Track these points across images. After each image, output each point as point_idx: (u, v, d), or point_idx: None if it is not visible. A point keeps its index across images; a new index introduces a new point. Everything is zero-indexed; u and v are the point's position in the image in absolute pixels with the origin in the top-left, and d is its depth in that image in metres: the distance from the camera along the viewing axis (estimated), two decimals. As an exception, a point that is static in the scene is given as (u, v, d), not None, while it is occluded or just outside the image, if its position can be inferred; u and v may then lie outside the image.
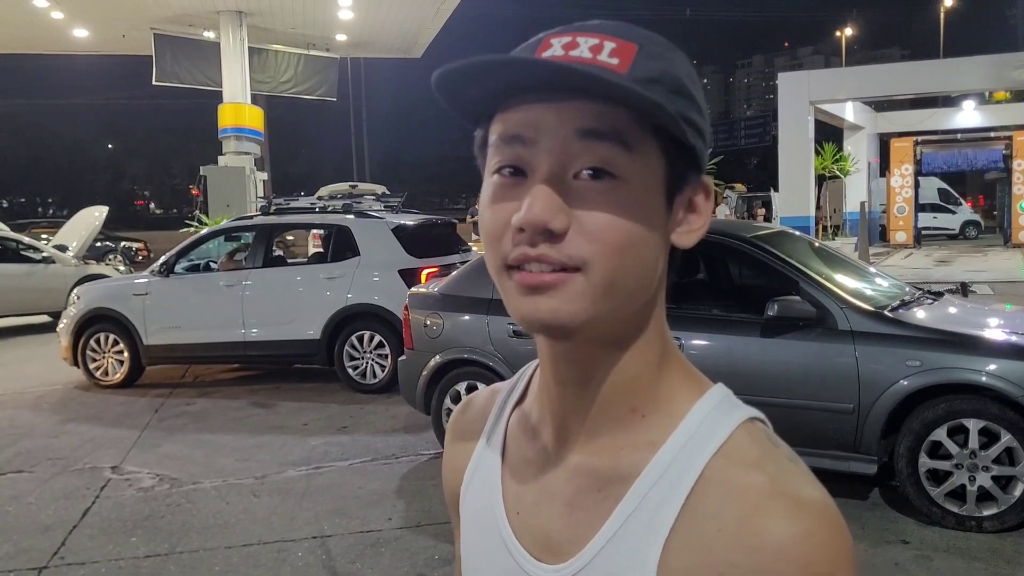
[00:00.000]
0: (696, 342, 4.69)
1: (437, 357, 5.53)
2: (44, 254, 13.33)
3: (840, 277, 4.98)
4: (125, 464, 5.79)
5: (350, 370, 7.83)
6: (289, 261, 9.87)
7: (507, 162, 0.63)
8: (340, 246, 8.19)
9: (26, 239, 13.74)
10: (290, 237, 17.19)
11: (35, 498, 5.14)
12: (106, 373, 8.43)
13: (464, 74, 0.61)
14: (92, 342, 8.43)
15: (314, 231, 12.19)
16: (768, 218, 23.79)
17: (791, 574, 0.58)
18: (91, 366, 8.45)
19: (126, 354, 8.36)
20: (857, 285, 5.04)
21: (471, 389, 5.43)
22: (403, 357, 5.87)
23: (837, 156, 27.41)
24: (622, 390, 0.68)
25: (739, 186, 28.07)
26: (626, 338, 0.67)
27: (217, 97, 18.99)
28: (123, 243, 24.03)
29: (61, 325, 8.68)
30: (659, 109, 0.60)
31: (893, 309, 4.68)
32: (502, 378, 5.72)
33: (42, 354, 10.28)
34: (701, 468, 0.63)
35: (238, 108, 18.64)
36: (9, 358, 10.56)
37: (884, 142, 28.38)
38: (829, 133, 28.80)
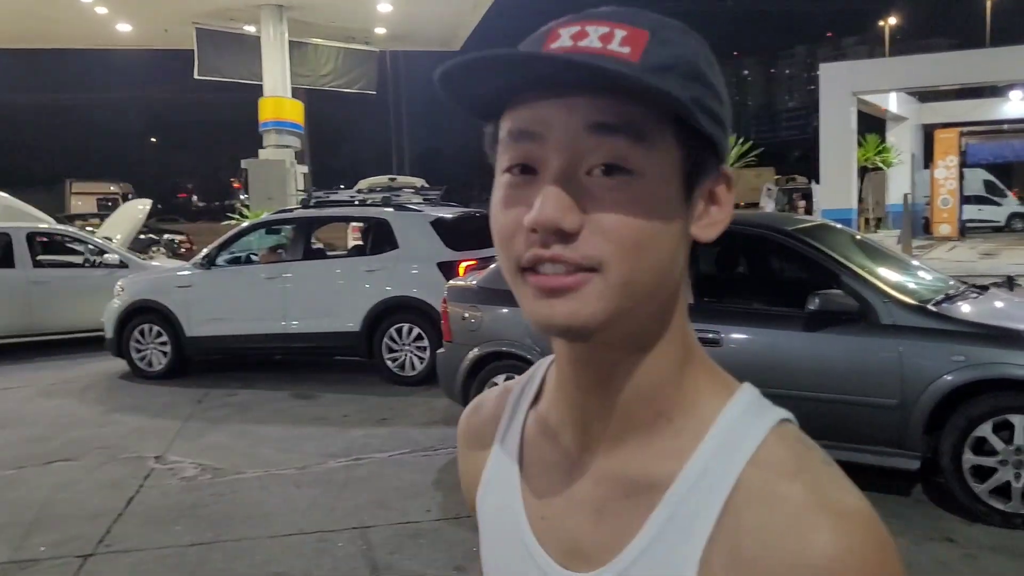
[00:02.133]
0: (737, 336, 4.65)
1: (476, 350, 5.55)
2: (92, 247, 13.59)
3: (883, 270, 4.91)
4: (169, 454, 5.91)
5: (389, 362, 7.90)
6: (329, 254, 9.97)
7: (517, 160, 0.62)
8: (379, 239, 8.26)
9: (71, 230, 13.98)
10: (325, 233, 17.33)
11: (82, 486, 5.27)
12: (150, 364, 8.60)
13: (467, 72, 0.59)
14: (136, 333, 8.60)
15: (353, 224, 12.27)
16: (809, 210, 23.45)
17: None
18: (135, 357, 8.63)
19: (169, 345, 8.52)
20: (900, 279, 4.96)
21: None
22: (442, 350, 5.91)
23: (880, 148, 26.92)
24: (645, 394, 0.66)
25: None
26: (647, 339, 0.65)
27: (258, 91, 19.20)
28: (166, 235, 24.43)
29: (105, 316, 8.87)
30: (672, 99, 0.58)
31: (937, 303, 4.60)
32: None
33: (88, 345, 10.49)
34: (736, 477, 0.61)
35: (279, 102, 18.83)
36: (55, 348, 10.79)
37: (928, 133, 27.80)
38: (872, 124, 28.28)
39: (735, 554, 0.59)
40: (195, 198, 71.07)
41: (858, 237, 5.77)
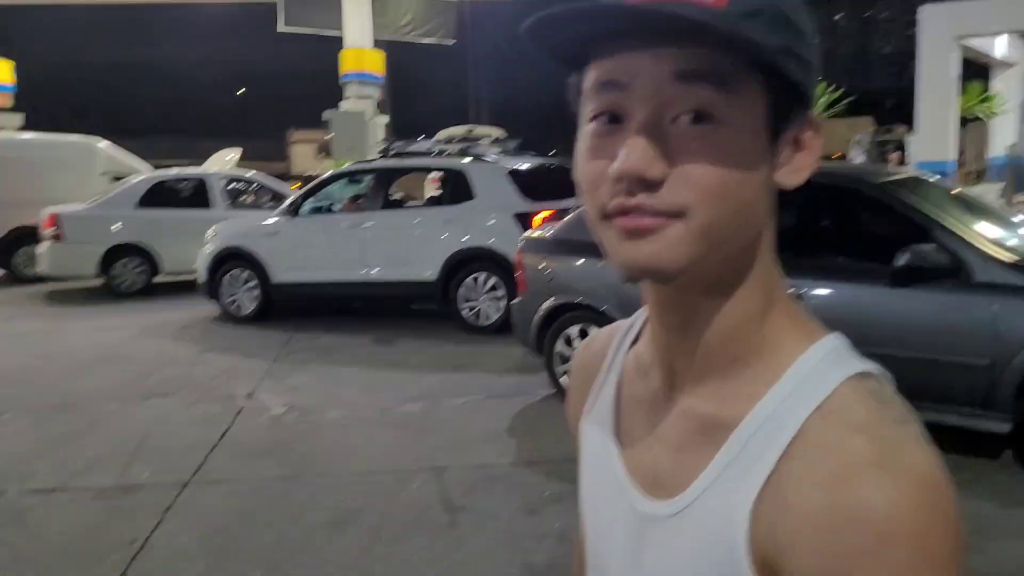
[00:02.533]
0: (820, 291, 4.56)
1: (550, 300, 5.58)
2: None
3: (979, 226, 4.70)
4: (258, 393, 6.16)
5: (465, 311, 8.01)
6: (407, 204, 10.10)
7: (602, 109, 0.62)
8: (456, 190, 8.32)
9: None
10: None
11: (178, 421, 5.56)
12: (240, 308, 8.93)
13: (553, 23, 0.60)
14: (227, 278, 8.93)
15: (431, 175, 12.38)
16: (903, 163, 22.52)
17: (869, 544, 0.55)
18: (226, 300, 8.97)
19: (258, 290, 8.82)
20: (998, 234, 4.75)
21: (583, 333, 5.48)
22: (517, 300, 5.96)
23: (983, 96, 25.52)
24: (725, 337, 0.67)
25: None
26: (728, 284, 0.66)
27: (338, 43, 19.34)
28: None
29: (198, 262, 9.23)
30: (757, 48, 0.58)
31: (1037, 261, 4.40)
32: (614, 322, 5.76)
33: (181, 288, 10.92)
34: (799, 424, 0.61)
35: (359, 53, 18.93)
36: (154, 290, 11.28)
37: (1038, 80, 26.15)
38: (973, 71, 26.77)
39: (785, 500, 0.59)
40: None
41: (953, 191, 5.54)
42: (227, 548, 3.71)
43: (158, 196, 11.22)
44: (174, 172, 12.53)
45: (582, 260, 5.50)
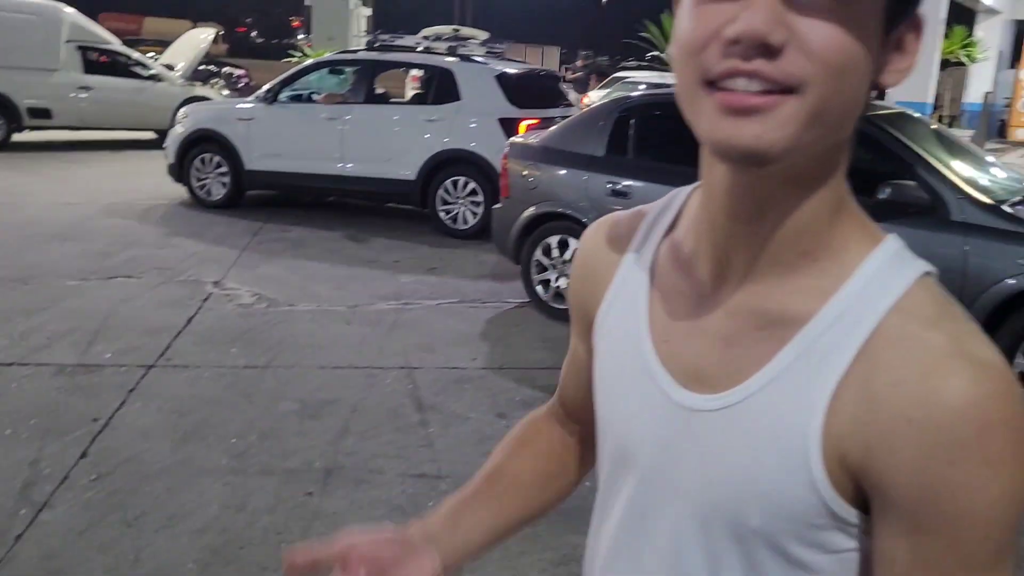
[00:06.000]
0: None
1: (532, 208, 5.53)
2: (152, 71, 13.63)
3: (959, 165, 4.72)
4: (226, 280, 6.09)
5: (442, 214, 7.93)
6: (391, 100, 9.86)
7: None
8: (442, 89, 8.10)
9: (135, 55, 14.00)
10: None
11: (143, 303, 5.48)
12: (209, 193, 8.74)
13: None
14: (197, 162, 8.71)
15: (412, 72, 12.06)
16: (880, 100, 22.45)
17: (968, 434, 0.57)
18: (195, 185, 8.76)
19: (229, 176, 8.62)
20: (975, 175, 4.78)
21: (563, 244, 5.46)
22: (498, 205, 5.90)
23: (966, 41, 25.40)
24: (796, 231, 0.65)
25: None
26: (811, 176, 0.64)
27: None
28: (226, 68, 24.30)
29: (168, 142, 8.96)
30: None
31: (1013, 204, 4.45)
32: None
33: (150, 169, 10.66)
34: (878, 320, 0.61)
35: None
36: (119, 170, 11.02)
37: (1021, 30, 26.07)
38: (960, 16, 26.56)
39: (868, 391, 0.60)
40: (254, 34, 70.19)
41: (936, 128, 5.54)
42: (193, 432, 3.71)
43: None
44: None
45: (568, 171, 5.44)
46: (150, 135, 13.46)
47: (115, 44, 13.73)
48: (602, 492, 0.81)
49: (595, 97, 15.75)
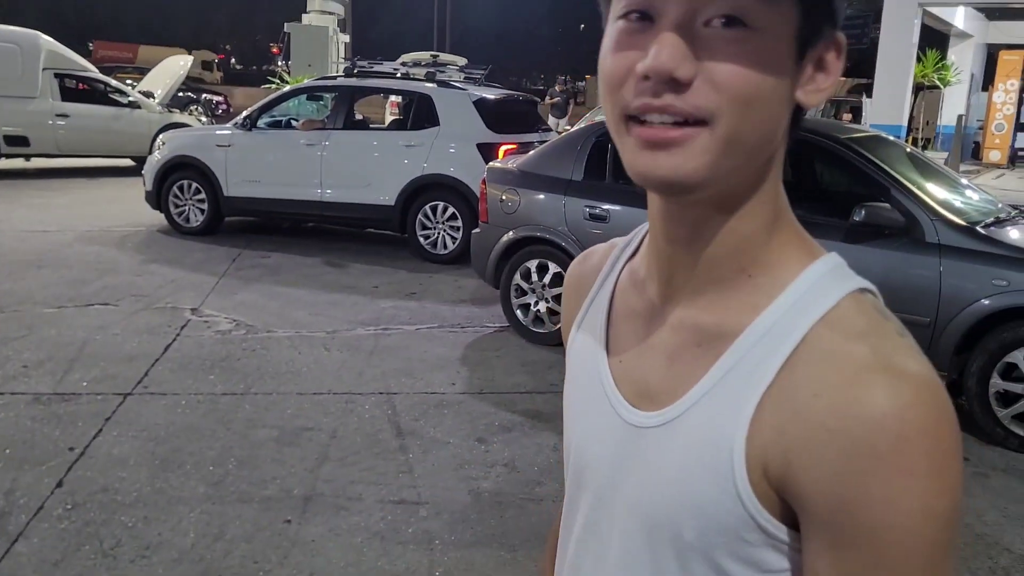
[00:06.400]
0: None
1: (510, 233, 5.55)
2: (130, 98, 13.60)
3: (933, 188, 4.80)
4: (204, 307, 6.05)
5: (421, 239, 7.93)
6: (370, 126, 9.88)
7: (634, 7, 0.61)
8: (420, 115, 8.14)
9: (114, 82, 13.98)
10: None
11: (120, 330, 5.43)
12: (187, 219, 8.70)
13: None
14: (175, 188, 8.67)
15: (391, 98, 12.11)
16: (853, 122, 22.76)
17: (884, 444, 0.56)
18: (173, 211, 8.72)
19: (207, 203, 8.59)
20: (950, 197, 4.85)
21: (542, 268, 5.48)
22: (476, 230, 5.92)
23: (939, 65, 25.86)
24: (731, 250, 0.67)
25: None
26: (740, 198, 0.66)
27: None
28: (204, 95, 24.28)
29: (146, 170, 8.92)
30: None
31: (986, 226, 4.51)
32: (572, 258, 5.74)
33: (127, 196, 10.62)
34: (803, 333, 0.62)
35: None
36: (96, 197, 10.94)
37: (992, 54, 26.59)
38: (933, 39, 27.05)
39: (790, 402, 0.61)
40: (233, 60, 70.28)
41: (910, 151, 5.62)
42: (170, 460, 3.67)
43: None
44: None
45: (546, 195, 5.47)
46: (128, 162, 13.41)
47: (93, 71, 13.71)
48: (565, 512, 0.83)
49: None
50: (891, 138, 5.79)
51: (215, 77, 33.79)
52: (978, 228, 4.41)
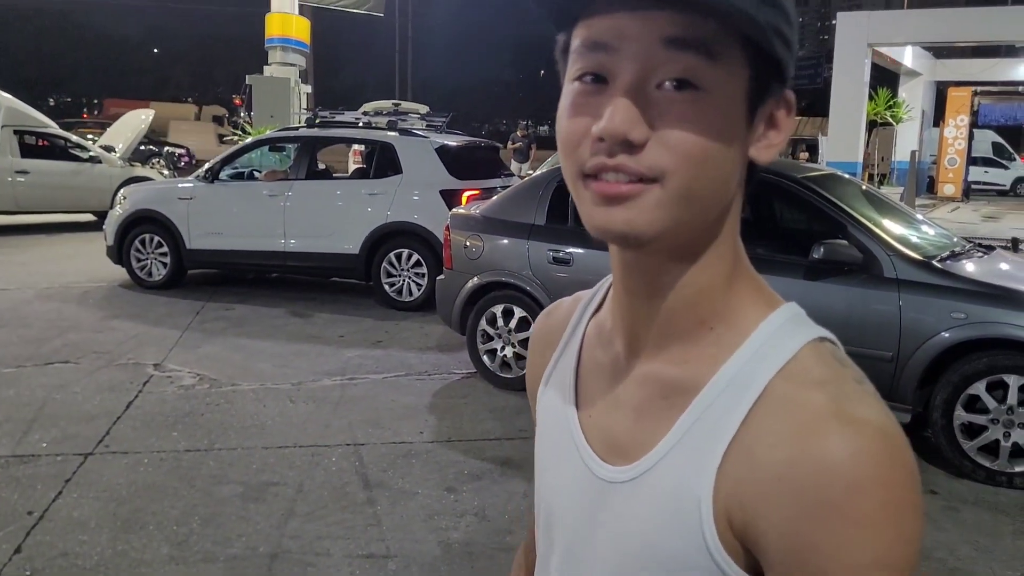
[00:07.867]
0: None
1: (475, 279, 5.56)
2: (91, 153, 13.51)
3: (889, 224, 4.90)
4: (167, 362, 5.95)
5: (387, 287, 7.91)
6: (333, 175, 9.88)
7: (588, 69, 0.62)
8: (383, 163, 8.18)
9: (74, 138, 13.88)
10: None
11: (81, 388, 5.31)
12: (149, 274, 8.60)
13: None
14: (137, 243, 8.58)
15: (355, 147, 12.15)
16: (813, 162, 23.27)
17: (837, 493, 0.56)
18: (135, 266, 8.62)
19: (169, 256, 8.50)
20: (906, 233, 4.95)
21: (507, 313, 5.48)
22: (441, 276, 5.91)
23: (891, 102, 26.59)
24: (690, 302, 0.68)
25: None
26: (697, 250, 0.67)
27: (264, 6, 18.78)
28: (167, 148, 24.19)
29: (107, 224, 8.82)
30: (750, 21, 0.58)
31: (942, 260, 4.61)
32: (539, 303, 5.65)
33: (87, 251, 10.48)
34: (764, 384, 0.63)
35: (285, 18, 18.45)
36: (56, 253, 10.79)
37: (941, 91, 27.41)
38: (884, 78, 27.85)
39: (750, 453, 0.61)
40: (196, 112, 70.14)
41: (866, 188, 5.74)
42: (132, 521, 3.57)
43: None
44: None
45: (510, 240, 5.49)
46: (88, 217, 13.26)
47: (53, 127, 13.61)
48: (538, 565, 0.82)
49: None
50: (846, 176, 5.92)
51: (228, 131, 33.13)
52: (934, 262, 4.50)
